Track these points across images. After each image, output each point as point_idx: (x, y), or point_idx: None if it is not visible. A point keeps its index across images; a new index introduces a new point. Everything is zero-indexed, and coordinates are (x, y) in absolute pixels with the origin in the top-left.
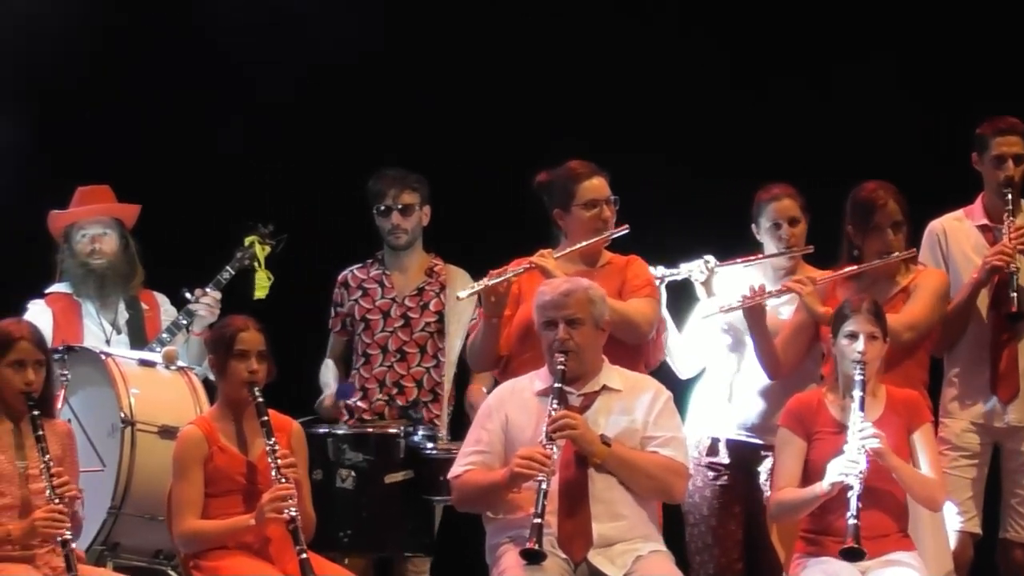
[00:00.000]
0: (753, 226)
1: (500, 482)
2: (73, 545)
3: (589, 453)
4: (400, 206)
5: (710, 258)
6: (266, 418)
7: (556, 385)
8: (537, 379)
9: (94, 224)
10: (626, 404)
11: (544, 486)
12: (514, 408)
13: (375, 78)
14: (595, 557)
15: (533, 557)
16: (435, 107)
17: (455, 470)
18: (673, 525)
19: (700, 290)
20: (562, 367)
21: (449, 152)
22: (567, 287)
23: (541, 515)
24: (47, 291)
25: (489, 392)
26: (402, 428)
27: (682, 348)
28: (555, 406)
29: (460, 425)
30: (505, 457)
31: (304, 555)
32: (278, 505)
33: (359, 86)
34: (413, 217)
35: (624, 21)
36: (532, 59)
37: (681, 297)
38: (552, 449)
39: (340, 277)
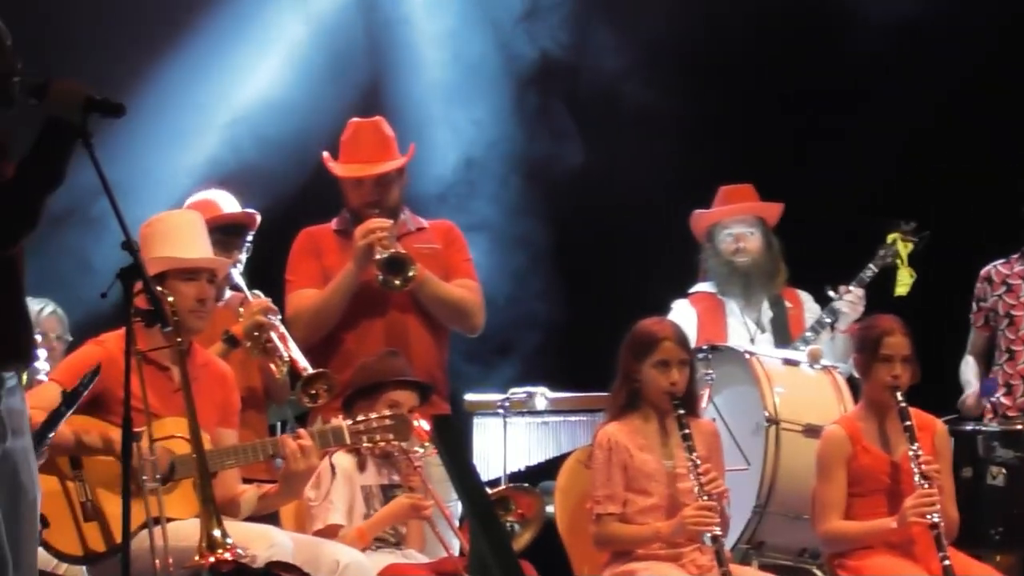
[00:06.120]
0: None
1: None
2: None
3: None
4: None
5: None
6: (909, 423)
7: None
8: None
9: (738, 223)
10: None
11: None
12: None
13: None
14: None
15: None
16: None
17: None
18: None
19: None
20: None
21: None
22: None
23: None
24: (691, 291)
25: None
26: None
27: None
28: None
29: None
30: None
31: (947, 561)
32: (922, 510)
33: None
34: None
35: None
36: None
37: None
38: None
39: (983, 272)
